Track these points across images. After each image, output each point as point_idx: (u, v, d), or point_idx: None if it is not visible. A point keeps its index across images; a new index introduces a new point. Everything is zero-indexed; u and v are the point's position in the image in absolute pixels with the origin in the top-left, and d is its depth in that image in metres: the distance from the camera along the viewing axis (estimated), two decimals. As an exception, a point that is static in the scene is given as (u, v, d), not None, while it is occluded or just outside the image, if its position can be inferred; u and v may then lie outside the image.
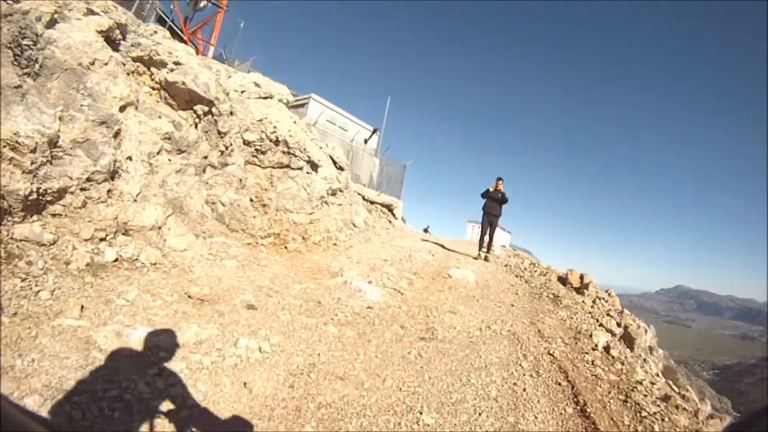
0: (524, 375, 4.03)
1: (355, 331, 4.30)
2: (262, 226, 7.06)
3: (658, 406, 3.89)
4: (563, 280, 8.08)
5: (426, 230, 35.37)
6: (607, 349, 5.16)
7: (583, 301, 6.87)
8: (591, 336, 5.48)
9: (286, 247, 6.85)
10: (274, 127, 8.20)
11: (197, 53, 14.48)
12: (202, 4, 19.80)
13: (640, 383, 4.33)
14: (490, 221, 9.88)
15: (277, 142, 8.19)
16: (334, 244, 7.98)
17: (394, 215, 18.14)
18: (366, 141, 18.42)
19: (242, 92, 9.18)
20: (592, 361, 4.65)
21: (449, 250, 10.64)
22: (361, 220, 11.07)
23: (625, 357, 5.14)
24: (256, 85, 9.94)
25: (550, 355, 4.61)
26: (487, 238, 10.14)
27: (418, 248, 9.17)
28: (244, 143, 7.87)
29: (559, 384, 3.96)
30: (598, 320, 6.25)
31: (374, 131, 18.95)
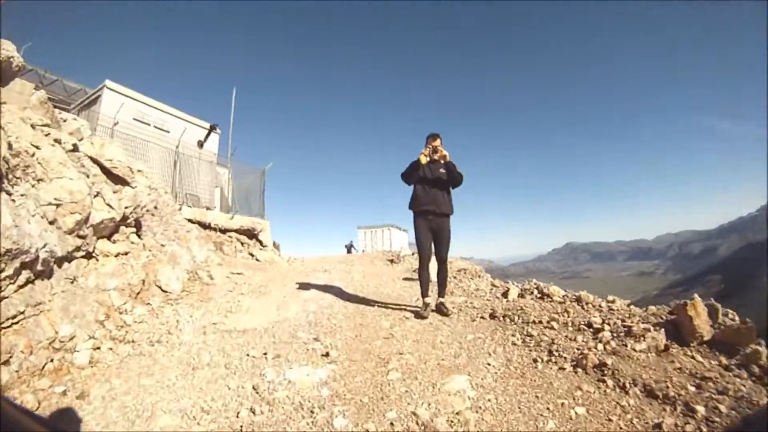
0: None
1: None
2: None
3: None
4: (677, 327, 3.60)
5: (349, 250, 29.62)
6: None
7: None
8: None
9: None
10: None
11: None
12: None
13: None
14: (434, 228, 5.12)
15: None
16: None
17: (260, 243, 13.10)
18: (201, 144, 12.96)
19: None
20: None
21: (352, 298, 6.06)
22: (179, 276, 6.01)
23: None
24: None
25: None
26: (433, 267, 5.41)
27: (287, 323, 4.41)
28: None
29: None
30: None
31: (212, 128, 13.54)
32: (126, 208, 5.70)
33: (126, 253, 5.49)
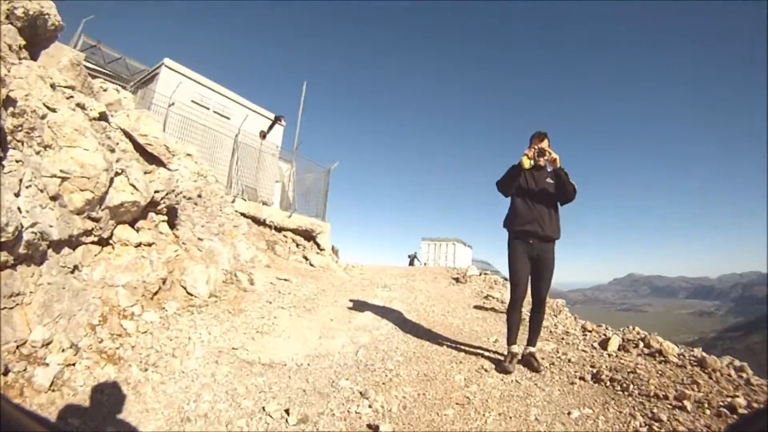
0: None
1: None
2: None
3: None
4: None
5: (412, 261, 28.70)
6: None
7: None
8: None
9: None
10: None
11: None
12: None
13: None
14: (534, 256, 4.00)
15: None
16: None
17: (318, 246, 12.27)
18: (264, 135, 12.42)
19: None
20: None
21: (415, 329, 4.94)
22: (211, 277, 5.14)
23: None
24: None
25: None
26: (527, 310, 4.46)
27: (328, 361, 3.35)
28: None
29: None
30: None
31: (276, 120, 12.98)
32: (156, 192, 4.91)
33: (150, 244, 4.68)
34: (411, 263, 27.54)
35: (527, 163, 3.91)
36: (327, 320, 4.86)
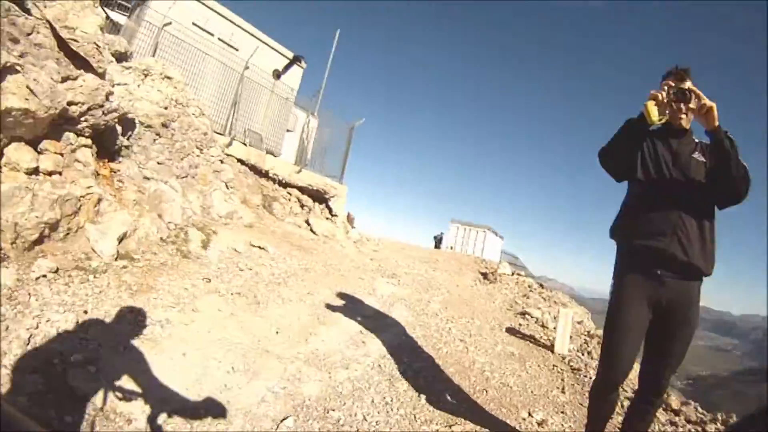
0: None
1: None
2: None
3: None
4: None
5: (438, 244, 27.14)
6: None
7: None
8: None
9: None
10: None
11: None
12: None
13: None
14: (661, 304, 2.14)
15: None
16: None
17: (330, 210, 11.00)
18: (278, 74, 11.06)
19: None
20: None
21: (413, 376, 3.28)
22: (139, 233, 3.89)
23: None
24: None
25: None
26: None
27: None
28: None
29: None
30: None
31: (295, 60, 11.56)
32: (71, 104, 3.66)
33: (50, 173, 3.46)
34: (437, 246, 26.09)
35: (654, 115, 2.05)
36: (271, 331, 3.36)
